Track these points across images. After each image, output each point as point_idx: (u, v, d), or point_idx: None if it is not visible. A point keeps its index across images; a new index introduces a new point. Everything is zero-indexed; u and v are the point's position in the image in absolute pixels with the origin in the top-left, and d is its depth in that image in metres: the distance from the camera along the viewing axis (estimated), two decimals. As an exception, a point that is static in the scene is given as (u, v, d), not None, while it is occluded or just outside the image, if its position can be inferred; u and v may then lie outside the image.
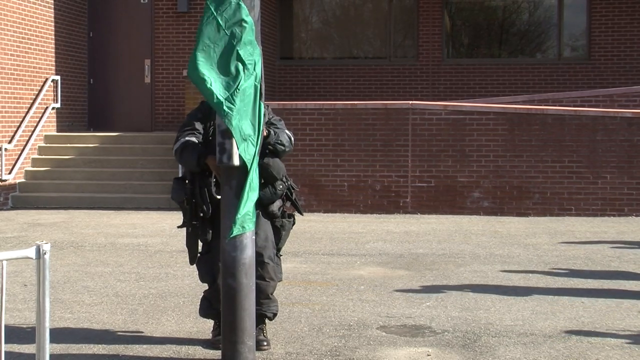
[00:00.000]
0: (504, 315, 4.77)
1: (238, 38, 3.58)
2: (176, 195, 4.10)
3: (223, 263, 3.75)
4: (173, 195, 4.14)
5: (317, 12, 13.70)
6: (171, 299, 5.18)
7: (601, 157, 9.27)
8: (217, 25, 3.60)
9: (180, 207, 4.12)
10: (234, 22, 3.59)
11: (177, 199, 4.11)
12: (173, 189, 4.15)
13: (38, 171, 10.53)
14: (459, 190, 9.42)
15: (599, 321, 4.64)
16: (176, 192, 4.11)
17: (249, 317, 3.71)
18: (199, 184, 4.03)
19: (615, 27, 12.51)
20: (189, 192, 4.05)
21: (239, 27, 3.59)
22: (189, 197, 4.04)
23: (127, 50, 12.01)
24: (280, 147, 4.08)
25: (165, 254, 6.82)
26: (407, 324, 4.60)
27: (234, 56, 3.58)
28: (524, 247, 7.20)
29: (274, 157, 4.08)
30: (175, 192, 4.11)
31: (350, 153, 9.54)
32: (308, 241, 7.41)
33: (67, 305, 5.02)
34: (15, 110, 10.32)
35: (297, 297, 5.21)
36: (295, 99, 12.37)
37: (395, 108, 9.56)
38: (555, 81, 12.55)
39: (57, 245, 7.17)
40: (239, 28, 3.59)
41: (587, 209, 9.24)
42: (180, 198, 4.08)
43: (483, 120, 9.41)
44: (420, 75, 12.92)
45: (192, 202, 4.04)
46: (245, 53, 3.59)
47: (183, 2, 11.77)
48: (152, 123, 11.97)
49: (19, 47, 10.33)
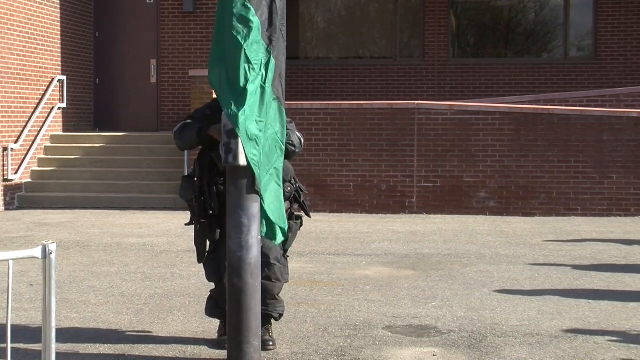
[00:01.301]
0: (510, 315, 4.76)
1: (245, 38, 3.58)
2: (185, 193, 4.09)
3: (229, 263, 3.75)
4: (181, 194, 4.13)
5: (322, 12, 13.70)
6: (177, 299, 5.19)
7: (607, 157, 9.24)
8: (227, 25, 3.61)
9: (189, 205, 4.11)
10: (241, 22, 3.59)
11: (185, 197, 4.09)
12: (181, 187, 4.14)
13: (44, 171, 10.57)
14: (465, 190, 9.40)
15: (606, 321, 4.62)
16: (185, 191, 4.10)
17: (254, 317, 3.71)
18: (207, 182, 4.02)
19: (622, 27, 12.46)
20: (198, 189, 4.03)
21: (246, 27, 3.59)
22: (198, 195, 4.03)
23: (133, 50, 12.03)
24: (291, 147, 4.06)
25: (171, 254, 6.83)
26: (413, 324, 4.60)
27: (242, 57, 3.59)
28: (530, 247, 7.18)
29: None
30: (184, 191, 4.10)
31: (356, 153, 9.54)
32: (314, 241, 7.41)
33: (73, 304, 5.03)
34: (22, 110, 10.35)
35: (302, 297, 5.21)
36: (301, 99, 12.37)
37: (401, 108, 9.55)
38: (562, 81, 12.52)
39: (63, 245, 7.19)
40: (246, 28, 3.59)
41: (594, 209, 9.22)
42: (189, 196, 4.06)
43: (489, 120, 9.40)
44: (426, 75, 12.91)
45: (201, 200, 4.02)
46: (251, 53, 3.60)
47: (189, 2, 11.79)
48: (158, 123, 12.00)
49: (25, 47, 10.36)
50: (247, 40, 3.58)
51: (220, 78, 3.64)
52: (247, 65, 3.59)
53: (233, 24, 3.59)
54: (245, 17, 3.59)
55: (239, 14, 3.59)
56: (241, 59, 3.58)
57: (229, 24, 3.60)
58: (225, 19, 3.62)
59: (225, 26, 3.61)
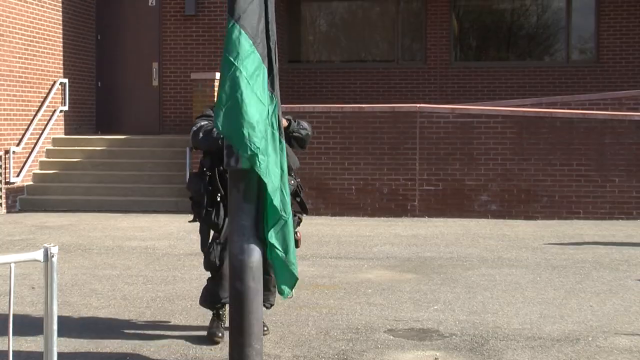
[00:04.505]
0: (511, 318, 4.76)
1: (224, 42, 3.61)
2: (193, 184, 4.31)
3: (231, 266, 3.77)
4: (189, 185, 4.36)
5: (325, 15, 13.71)
6: (179, 302, 5.19)
7: (609, 160, 9.23)
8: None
9: (196, 195, 4.30)
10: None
11: (194, 188, 4.30)
12: (190, 180, 4.39)
13: (46, 174, 10.58)
14: (467, 193, 9.40)
15: (607, 325, 4.62)
16: (193, 183, 4.33)
17: (256, 321, 3.72)
18: (217, 171, 4.23)
19: (624, 30, 12.46)
20: (207, 180, 4.25)
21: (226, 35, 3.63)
22: (206, 184, 4.24)
23: (135, 53, 12.05)
24: (304, 130, 4.37)
25: (173, 257, 6.83)
26: (415, 327, 4.60)
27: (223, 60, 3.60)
28: (532, 250, 7.18)
29: (297, 147, 4.38)
30: (192, 182, 4.33)
31: (358, 156, 9.54)
32: (316, 244, 7.41)
33: (75, 307, 5.04)
34: (24, 113, 10.37)
35: (304, 301, 5.21)
36: (303, 101, 12.37)
37: (403, 111, 9.55)
38: (564, 84, 12.51)
39: (65, 248, 7.19)
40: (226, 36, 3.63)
41: (596, 212, 9.21)
42: (197, 186, 4.27)
43: (491, 124, 9.39)
44: (428, 78, 12.91)
45: (209, 189, 4.25)
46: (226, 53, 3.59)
47: (191, 5, 11.80)
48: (160, 126, 12.01)
49: (27, 50, 10.38)
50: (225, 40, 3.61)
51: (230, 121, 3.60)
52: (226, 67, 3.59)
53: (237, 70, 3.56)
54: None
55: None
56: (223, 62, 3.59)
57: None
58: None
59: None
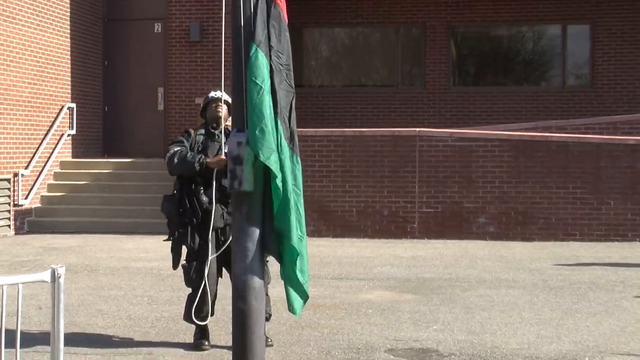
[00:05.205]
0: (509, 339, 4.82)
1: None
2: (165, 207, 4.60)
3: (234, 287, 3.83)
4: (162, 208, 4.63)
5: (326, 41, 13.93)
6: (183, 322, 5.24)
7: (605, 183, 9.36)
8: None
9: (168, 217, 4.57)
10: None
11: (165, 210, 4.59)
12: (162, 203, 4.65)
13: (53, 196, 10.72)
14: (465, 215, 9.53)
15: (604, 345, 4.67)
16: (164, 205, 4.62)
17: (258, 341, 3.76)
18: (187, 194, 4.50)
19: (618, 56, 12.65)
20: (177, 201, 4.53)
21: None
22: (177, 207, 4.51)
23: (141, 79, 12.25)
24: None
25: (177, 278, 6.90)
26: (415, 347, 4.66)
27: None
28: (529, 271, 7.26)
29: None
30: (164, 205, 4.62)
31: (359, 179, 9.68)
32: (317, 265, 7.49)
33: (81, 327, 5.12)
34: (32, 137, 10.55)
35: (306, 321, 5.27)
36: (305, 126, 12.51)
37: (403, 135, 9.71)
38: (560, 109, 12.67)
39: (72, 269, 7.27)
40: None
41: (591, 234, 9.32)
42: (168, 209, 4.55)
43: (489, 147, 9.54)
44: (427, 102, 13.08)
45: (179, 212, 4.51)
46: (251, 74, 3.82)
47: (195, 32, 12.02)
48: (165, 149, 12.14)
49: (36, 76, 10.59)
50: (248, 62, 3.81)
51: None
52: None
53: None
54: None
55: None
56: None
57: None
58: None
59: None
